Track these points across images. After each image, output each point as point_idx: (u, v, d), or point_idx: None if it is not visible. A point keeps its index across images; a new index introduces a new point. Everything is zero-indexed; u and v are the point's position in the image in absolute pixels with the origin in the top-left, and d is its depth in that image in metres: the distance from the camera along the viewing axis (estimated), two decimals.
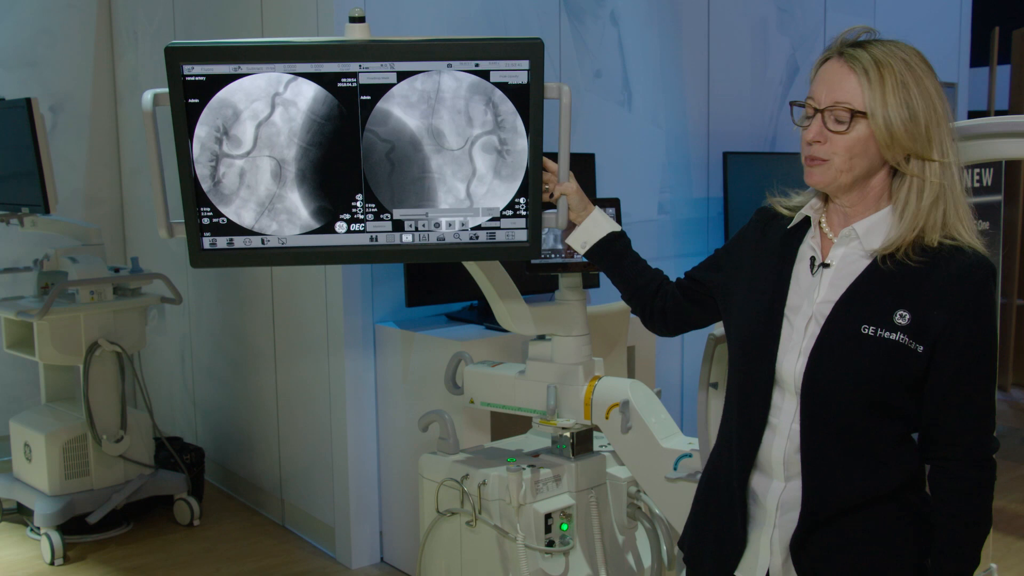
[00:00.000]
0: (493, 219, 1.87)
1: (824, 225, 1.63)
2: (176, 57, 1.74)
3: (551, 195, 1.93)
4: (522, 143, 1.83)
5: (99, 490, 3.90)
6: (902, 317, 1.50)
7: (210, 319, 4.57)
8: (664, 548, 2.46)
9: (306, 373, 3.89)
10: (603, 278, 4.01)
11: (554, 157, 1.94)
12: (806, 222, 1.66)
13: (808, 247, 1.63)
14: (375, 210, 1.84)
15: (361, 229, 1.85)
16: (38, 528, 3.79)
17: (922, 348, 1.50)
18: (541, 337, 2.39)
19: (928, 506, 1.62)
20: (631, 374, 3.61)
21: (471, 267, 2.20)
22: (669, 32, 4.53)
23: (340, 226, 1.85)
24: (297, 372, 3.96)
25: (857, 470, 1.55)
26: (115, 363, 3.94)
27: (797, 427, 1.57)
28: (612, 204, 2.36)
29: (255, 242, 1.85)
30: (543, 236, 2.30)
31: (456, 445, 2.52)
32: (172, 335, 4.91)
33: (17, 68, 4.84)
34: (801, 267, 1.63)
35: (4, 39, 4.83)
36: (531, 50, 1.78)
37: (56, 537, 3.72)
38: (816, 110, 1.54)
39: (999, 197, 3.40)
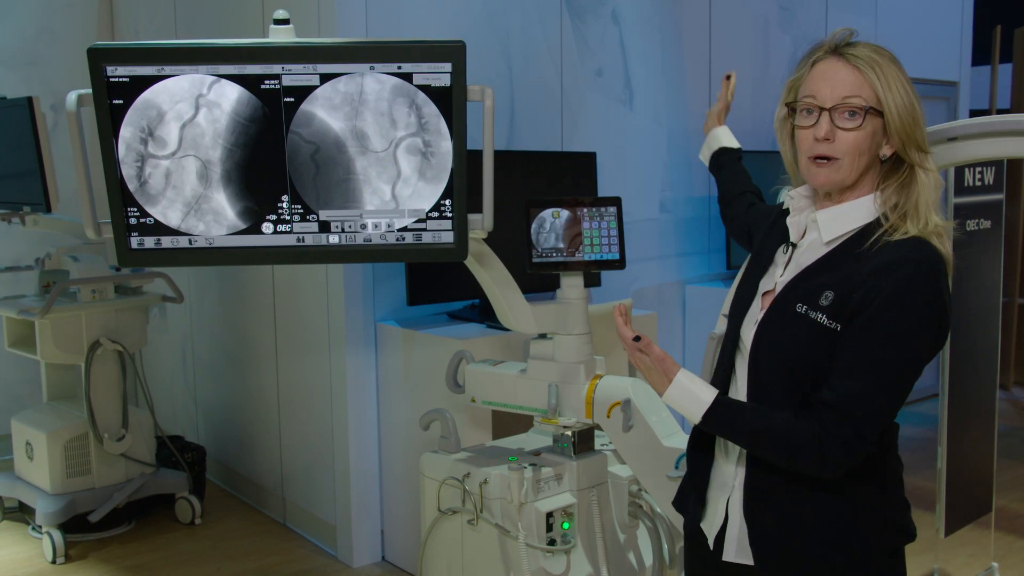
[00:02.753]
0: (419, 221, 1.88)
1: (813, 211, 1.68)
2: (99, 58, 1.75)
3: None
4: (446, 145, 1.84)
5: (100, 489, 3.90)
6: (826, 298, 1.54)
7: (211, 318, 4.57)
8: (665, 546, 2.46)
9: (307, 372, 3.89)
10: (604, 276, 4.02)
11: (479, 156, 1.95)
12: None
13: (793, 227, 1.69)
14: (301, 211, 1.85)
15: (288, 230, 1.86)
16: (39, 527, 3.79)
17: (840, 327, 1.52)
18: (542, 336, 2.39)
19: (890, 500, 1.64)
20: (632, 373, 3.61)
21: (472, 265, 2.20)
22: (670, 31, 4.53)
23: (267, 227, 1.86)
24: (298, 371, 3.96)
25: None
26: (116, 362, 3.95)
27: (746, 394, 1.65)
28: (613, 203, 2.36)
29: (183, 242, 1.86)
30: (545, 235, 2.30)
31: (457, 444, 2.52)
32: (173, 334, 4.92)
33: (19, 67, 4.85)
34: (781, 248, 1.71)
35: (5, 38, 4.83)
36: (453, 52, 1.79)
37: (57, 536, 3.72)
38: (822, 109, 1.55)
39: (1000, 196, 3.40)
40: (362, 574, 3.70)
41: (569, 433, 2.43)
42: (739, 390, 1.67)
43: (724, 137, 2.30)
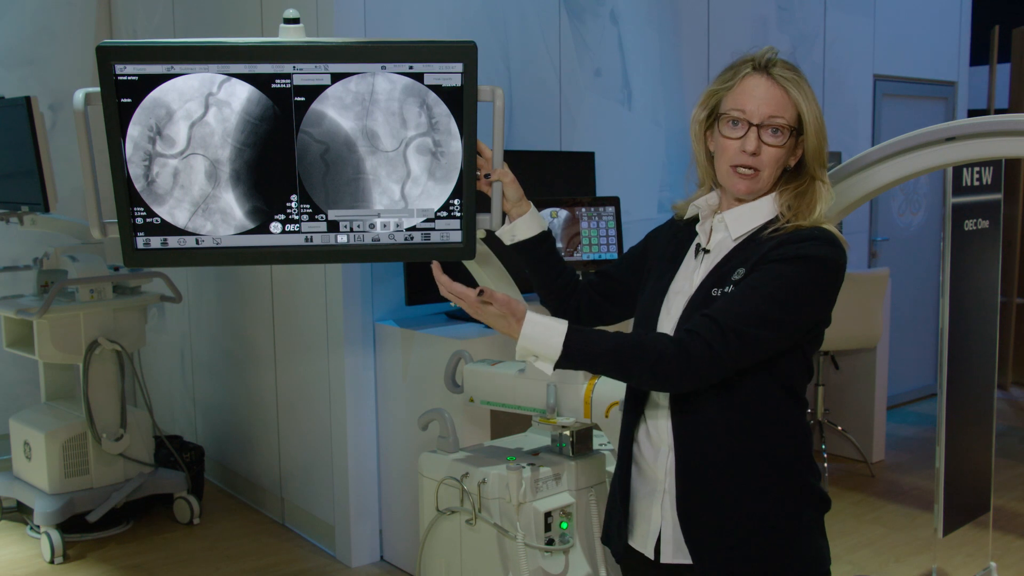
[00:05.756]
0: (428, 220, 1.88)
1: (712, 220, 1.76)
2: (108, 56, 1.74)
3: (486, 176, 1.91)
4: (456, 145, 1.84)
5: (99, 488, 3.90)
6: (738, 273, 1.64)
7: (210, 317, 4.57)
8: None
9: (306, 371, 3.89)
10: None
11: None
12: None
13: (700, 235, 1.77)
14: (310, 211, 1.85)
15: (296, 230, 1.86)
16: (38, 527, 3.79)
17: None
18: None
19: (809, 472, 1.70)
20: None
21: (471, 265, 2.20)
22: (669, 31, 4.53)
23: (275, 226, 1.85)
24: (297, 370, 3.96)
25: (724, 434, 1.65)
26: (115, 361, 3.94)
27: (670, 396, 1.69)
28: (612, 203, 2.36)
29: (189, 242, 1.85)
30: None
31: (456, 443, 2.52)
32: (172, 333, 4.91)
33: (16, 67, 4.85)
34: (690, 254, 1.77)
35: (3, 37, 4.83)
36: (465, 53, 1.79)
37: (56, 535, 3.72)
38: (750, 124, 1.64)
39: (999, 196, 3.40)
40: (360, 574, 3.70)
41: (567, 433, 2.43)
42: (661, 396, 1.72)
43: (538, 219, 1.98)
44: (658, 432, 1.73)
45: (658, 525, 1.73)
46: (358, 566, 3.74)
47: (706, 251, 1.73)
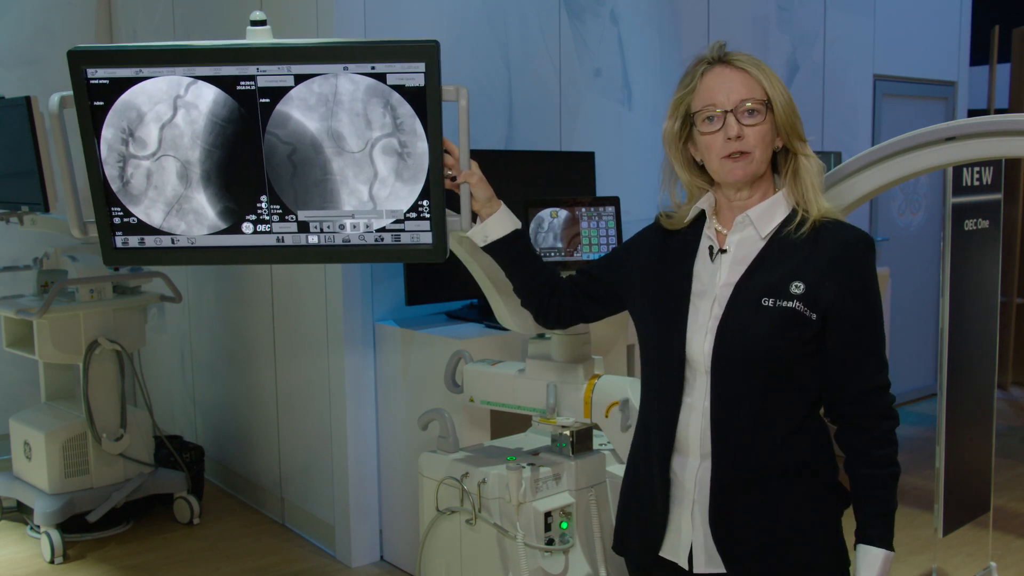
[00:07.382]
0: (397, 221, 1.88)
1: (716, 222, 1.77)
2: (79, 60, 1.77)
3: (453, 179, 1.90)
4: (422, 145, 1.83)
5: (99, 488, 3.90)
6: (797, 287, 1.65)
7: (210, 317, 4.57)
8: None
9: (306, 371, 3.89)
10: None
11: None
12: (701, 220, 1.81)
13: (706, 238, 1.77)
14: (280, 211, 1.86)
15: (267, 230, 1.87)
16: (38, 526, 3.79)
17: (815, 316, 1.64)
18: (541, 335, 2.39)
19: (831, 469, 1.74)
20: (631, 372, 3.61)
21: (470, 265, 2.20)
22: (669, 30, 4.54)
23: (247, 227, 1.87)
24: (297, 370, 3.96)
25: (764, 444, 1.67)
26: (115, 361, 3.94)
27: (709, 404, 1.68)
28: (612, 203, 2.36)
29: (165, 241, 1.88)
30: (544, 234, 2.30)
31: (456, 443, 2.52)
32: (172, 333, 4.91)
33: (17, 66, 4.85)
34: (702, 257, 1.76)
35: (4, 37, 4.83)
36: (426, 52, 1.78)
37: (56, 535, 3.72)
38: (725, 112, 1.67)
39: (999, 196, 3.41)
40: (360, 574, 3.70)
41: (567, 433, 2.43)
42: (695, 403, 1.70)
43: (510, 218, 1.95)
44: (688, 443, 1.71)
45: (690, 536, 1.72)
46: (358, 566, 3.74)
47: (722, 251, 1.73)
